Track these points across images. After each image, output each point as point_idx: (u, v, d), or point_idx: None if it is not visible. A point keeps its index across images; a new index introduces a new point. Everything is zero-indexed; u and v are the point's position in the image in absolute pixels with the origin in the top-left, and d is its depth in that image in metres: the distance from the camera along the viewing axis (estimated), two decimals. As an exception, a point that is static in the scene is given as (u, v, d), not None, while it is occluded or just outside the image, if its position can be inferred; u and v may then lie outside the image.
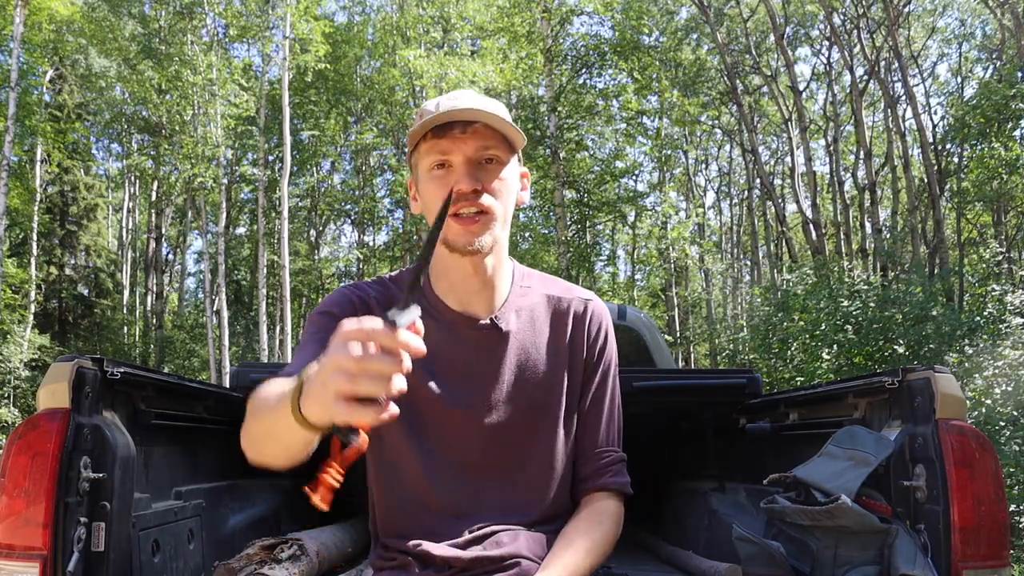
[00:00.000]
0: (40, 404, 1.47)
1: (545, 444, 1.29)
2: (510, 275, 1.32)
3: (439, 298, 1.27)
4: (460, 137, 1.16)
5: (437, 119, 1.16)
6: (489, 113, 1.15)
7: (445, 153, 1.18)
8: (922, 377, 1.49)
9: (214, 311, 18.08)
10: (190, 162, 15.47)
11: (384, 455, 1.29)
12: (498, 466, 1.27)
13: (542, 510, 1.29)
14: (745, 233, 26.12)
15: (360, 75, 19.91)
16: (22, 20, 13.60)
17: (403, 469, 1.27)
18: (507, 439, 1.27)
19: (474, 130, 1.16)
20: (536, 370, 1.30)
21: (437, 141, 1.17)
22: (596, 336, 1.36)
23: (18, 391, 15.81)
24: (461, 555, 1.21)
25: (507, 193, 1.22)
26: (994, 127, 11.61)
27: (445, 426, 1.25)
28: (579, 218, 18.04)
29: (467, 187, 1.15)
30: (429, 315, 1.25)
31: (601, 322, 1.37)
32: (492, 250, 1.22)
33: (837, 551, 1.56)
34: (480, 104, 1.18)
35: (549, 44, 15.85)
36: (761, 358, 11.33)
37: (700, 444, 2.64)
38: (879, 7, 15.84)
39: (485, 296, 1.27)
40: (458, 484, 1.26)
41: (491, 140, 1.18)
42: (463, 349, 1.26)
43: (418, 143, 1.20)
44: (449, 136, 1.17)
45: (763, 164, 17.34)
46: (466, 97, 1.20)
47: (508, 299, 1.30)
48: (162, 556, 1.71)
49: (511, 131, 1.18)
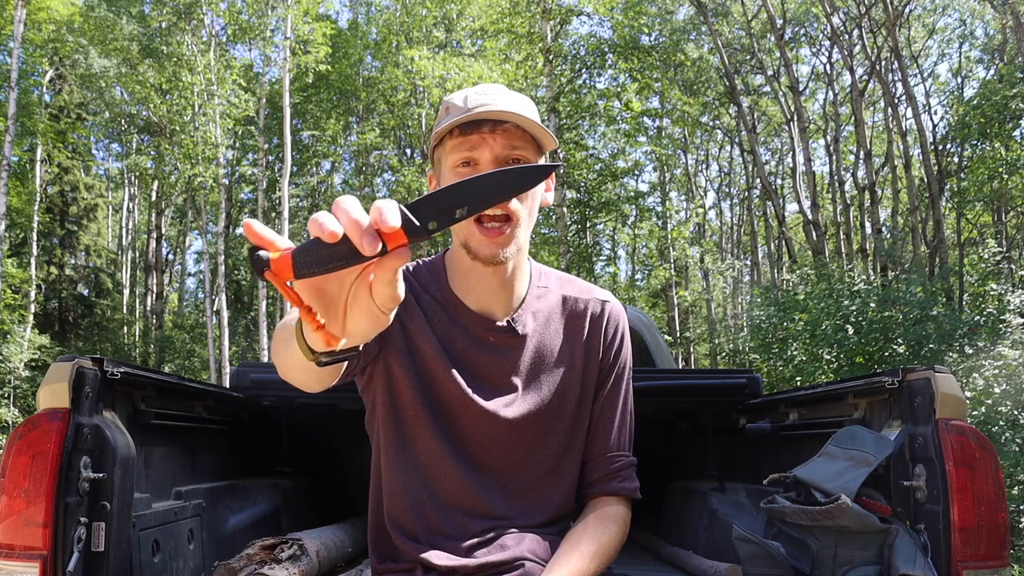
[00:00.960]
0: (40, 404, 1.47)
1: (555, 447, 1.29)
2: (528, 276, 1.31)
3: (457, 297, 1.26)
4: (489, 135, 1.14)
5: (468, 116, 1.13)
6: (519, 114, 1.13)
7: (472, 150, 1.15)
8: (922, 377, 1.49)
9: (214, 311, 18.09)
10: (190, 162, 15.47)
11: (400, 444, 1.27)
12: (506, 467, 1.27)
13: (548, 512, 1.29)
14: (745, 233, 26.12)
15: (362, 75, 19.92)
16: (22, 20, 13.61)
17: (414, 460, 1.26)
18: (518, 441, 1.26)
19: (503, 129, 1.14)
20: (551, 373, 1.29)
21: (465, 138, 1.15)
22: (612, 339, 1.34)
23: (18, 391, 15.81)
24: (467, 563, 1.20)
25: (533, 196, 1.20)
26: (994, 127, 11.61)
27: (457, 425, 1.25)
28: (579, 218, 18.04)
29: None
30: (446, 313, 1.25)
31: (618, 324, 1.35)
32: (515, 255, 1.21)
33: (837, 551, 1.56)
34: (510, 102, 1.16)
35: (549, 44, 15.85)
36: (761, 358, 11.34)
37: (700, 444, 2.64)
38: (880, 7, 15.85)
39: (503, 297, 1.26)
40: (465, 483, 1.25)
41: (520, 140, 1.16)
42: (478, 349, 1.26)
43: (443, 137, 1.18)
44: (478, 134, 1.14)
45: (763, 164, 17.33)
46: (496, 93, 1.17)
47: (525, 301, 1.29)
48: (162, 556, 1.71)
49: (541, 132, 1.16)
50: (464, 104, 1.15)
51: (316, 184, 21.86)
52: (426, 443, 1.24)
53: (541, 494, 1.28)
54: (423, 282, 1.28)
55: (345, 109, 20.13)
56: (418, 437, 1.25)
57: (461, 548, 1.22)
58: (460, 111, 1.15)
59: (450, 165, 1.18)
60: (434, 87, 15.58)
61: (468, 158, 1.16)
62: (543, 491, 1.28)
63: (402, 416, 1.25)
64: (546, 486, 1.29)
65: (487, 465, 1.26)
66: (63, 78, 20.22)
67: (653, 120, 21.10)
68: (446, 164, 1.18)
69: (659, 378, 2.55)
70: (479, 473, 1.26)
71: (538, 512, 1.28)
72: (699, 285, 26.17)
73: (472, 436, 1.25)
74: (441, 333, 1.24)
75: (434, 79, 15.31)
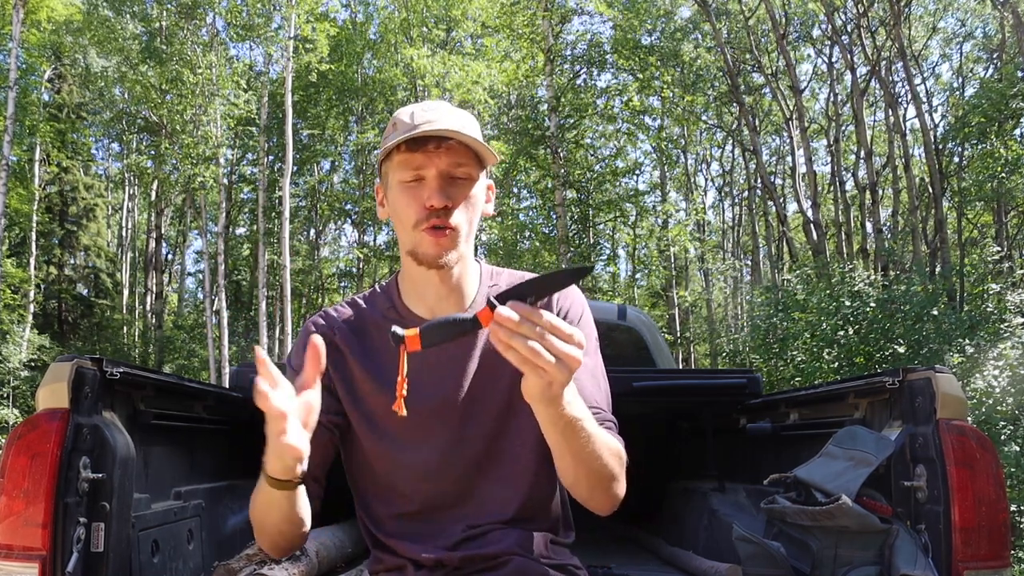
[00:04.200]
0: (39, 404, 1.47)
1: (518, 438, 1.30)
2: (477, 277, 1.35)
3: (409, 308, 1.31)
4: (434, 152, 1.19)
5: (414, 134, 1.18)
6: (462, 132, 1.18)
7: (419, 167, 1.21)
8: (923, 377, 1.49)
9: (214, 311, 18.09)
10: (190, 161, 15.47)
11: (360, 464, 1.32)
12: (473, 464, 1.29)
13: (521, 506, 1.29)
14: (745, 233, 26.11)
15: (362, 74, 19.92)
16: (20, 20, 13.61)
17: (381, 476, 1.30)
18: (480, 436, 1.28)
19: (448, 146, 1.19)
20: (506, 365, 1.30)
21: (411, 155, 1.20)
22: (566, 312, 1.34)
23: (18, 391, 15.81)
24: (453, 555, 1.23)
25: (475, 209, 1.26)
26: (994, 126, 11.61)
27: (418, 429, 1.27)
28: (579, 218, 18.05)
29: (439, 203, 1.18)
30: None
31: (572, 300, 1.36)
32: (458, 262, 1.26)
33: (837, 551, 1.56)
34: (454, 120, 1.21)
35: (550, 43, 15.85)
36: (761, 358, 11.33)
37: (700, 444, 2.64)
38: (881, 6, 15.84)
39: (452, 300, 1.30)
40: (436, 485, 1.28)
41: (463, 157, 1.21)
42: (433, 353, 1.27)
43: (391, 152, 1.23)
44: (423, 151, 1.19)
45: (764, 164, 17.35)
46: (441, 111, 1.23)
47: (475, 300, 1.32)
48: (162, 556, 1.71)
49: (483, 149, 1.22)
50: (411, 120, 1.21)
51: (316, 184, 21.85)
52: (390, 455, 1.28)
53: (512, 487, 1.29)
54: (373, 303, 1.35)
55: (345, 108, 20.14)
56: (381, 451, 1.29)
57: (449, 544, 1.25)
58: (407, 127, 1.20)
59: (397, 179, 1.23)
60: (434, 86, 15.58)
61: (416, 174, 1.21)
62: (514, 484, 1.29)
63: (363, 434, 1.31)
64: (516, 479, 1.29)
65: (454, 464, 1.29)
66: (63, 77, 20.21)
67: (654, 119, 21.12)
68: (393, 178, 1.24)
69: (659, 378, 2.55)
70: (449, 474, 1.28)
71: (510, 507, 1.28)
72: (699, 285, 26.17)
73: (434, 439, 1.28)
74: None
75: (433, 78, 15.32)
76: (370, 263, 21.89)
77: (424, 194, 1.20)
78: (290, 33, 15.91)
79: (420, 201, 1.19)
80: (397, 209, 1.24)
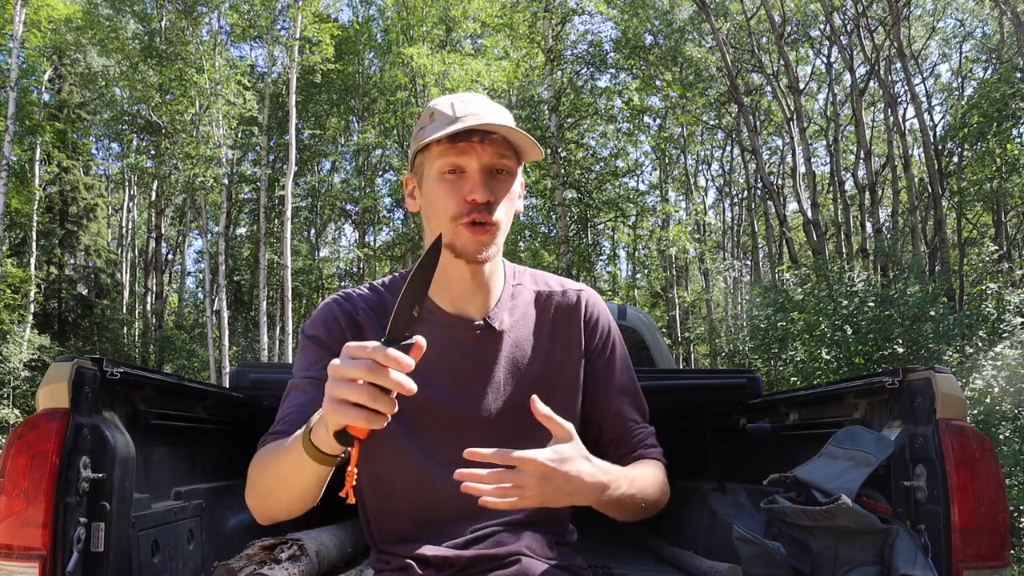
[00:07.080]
0: (40, 404, 1.47)
1: (542, 441, 1.29)
2: (503, 275, 1.33)
3: (433, 300, 1.28)
4: (478, 144, 1.16)
5: (460, 127, 1.14)
6: (510, 127, 1.15)
7: (460, 159, 1.17)
8: (922, 377, 1.49)
9: (214, 311, 18.08)
10: (191, 161, 15.45)
11: (380, 461, 1.29)
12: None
13: (541, 509, 1.29)
14: (745, 233, 26.11)
15: (363, 73, 19.91)
16: (21, 20, 13.60)
17: (401, 474, 1.27)
18: (503, 438, 1.26)
19: (491, 140, 1.17)
20: (531, 366, 1.30)
21: (453, 146, 1.17)
22: (595, 323, 1.36)
23: (18, 391, 15.80)
24: (461, 554, 1.22)
25: (513, 204, 1.24)
26: (993, 126, 11.60)
27: (442, 428, 1.25)
28: (579, 218, 18.04)
29: (482, 198, 1.16)
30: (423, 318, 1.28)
31: (596, 308, 1.37)
32: (493, 258, 1.25)
33: (837, 551, 1.56)
34: (496, 113, 1.19)
35: (551, 43, 15.84)
36: (761, 358, 11.34)
37: (700, 444, 2.64)
38: (880, 6, 15.84)
39: (479, 297, 1.28)
40: (444, 485, 1.24)
41: (506, 150, 1.19)
42: (458, 351, 1.26)
43: (429, 144, 1.19)
44: (467, 142, 1.16)
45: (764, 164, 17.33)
46: (481, 102, 1.20)
47: (501, 298, 1.31)
48: (162, 556, 1.71)
49: (528, 144, 1.19)
50: (452, 112, 1.17)
51: (316, 184, 21.85)
52: (412, 453, 1.25)
53: None
54: (394, 292, 1.29)
55: (346, 108, 20.13)
56: (403, 449, 1.25)
57: (458, 544, 1.24)
58: (448, 119, 1.16)
59: (435, 171, 1.19)
60: (434, 85, 15.57)
61: (455, 165, 1.18)
62: None
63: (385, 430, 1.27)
64: None
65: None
66: (63, 77, 20.20)
67: (654, 119, 21.11)
68: (431, 169, 1.20)
69: (659, 378, 2.55)
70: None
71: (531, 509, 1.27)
72: (699, 285, 26.17)
73: (458, 439, 1.24)
74: None
75: (433, 76, 15.30)
76: (370, 263, 21.90)
77: (465, 187, 1.17)
78: (295, 34, 15.91)
79: (460, 194, 1.17)
80: (433, 200, 1.20)
